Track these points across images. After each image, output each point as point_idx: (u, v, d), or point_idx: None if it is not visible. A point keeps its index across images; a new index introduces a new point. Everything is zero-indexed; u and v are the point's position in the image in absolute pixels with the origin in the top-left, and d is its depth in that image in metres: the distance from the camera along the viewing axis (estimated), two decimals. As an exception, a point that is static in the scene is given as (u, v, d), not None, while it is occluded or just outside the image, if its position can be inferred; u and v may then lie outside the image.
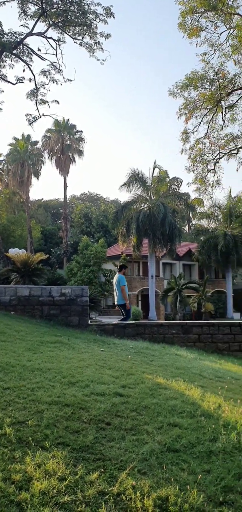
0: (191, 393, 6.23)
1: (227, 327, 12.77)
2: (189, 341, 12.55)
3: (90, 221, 64.42)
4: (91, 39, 18.69)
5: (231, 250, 45.21)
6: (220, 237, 45.82)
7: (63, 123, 58.78)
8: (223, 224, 49.46)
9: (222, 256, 45.58)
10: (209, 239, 46.98)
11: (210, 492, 3.75)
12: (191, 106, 19.82)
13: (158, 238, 39.72)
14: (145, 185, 41.21)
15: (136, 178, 40.85)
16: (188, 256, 52.91)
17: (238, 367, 9.72)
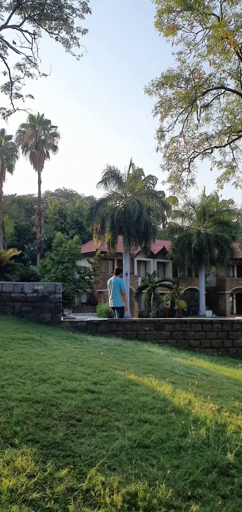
0: (162, 389, 6.27)
1: (198, 324, 12.92)
2: (161, 338, 12.64)
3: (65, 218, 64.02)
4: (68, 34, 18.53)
5: (204, 249, 45.80)
6: (193, 235, 46.36)
7: (38, 118, 58.21)
8: (196, 223, 50.04)
9: (196, 254, 46.14)
10: (183, 238, 47.46)
11: (178, 487, 3.78)
12: (166, 104, 19.92)
13: (133, 236, 39.88)
14: (121, 182, 41.28)
15: (112, 175, 40.87)
16: (162, 254, 53.31)
17: (209, 363, 9.85)
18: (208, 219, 49.61)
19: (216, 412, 5.62)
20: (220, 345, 12.81)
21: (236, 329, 12.98)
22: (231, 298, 56.41)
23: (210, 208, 53.08)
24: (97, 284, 48.45)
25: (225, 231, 48.73)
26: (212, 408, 5.68)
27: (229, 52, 17.99)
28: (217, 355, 12.33)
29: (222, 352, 12.65)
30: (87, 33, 18.41)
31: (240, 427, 5.22)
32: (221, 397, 6.57)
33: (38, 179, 58.96)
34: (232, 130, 20.94)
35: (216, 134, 21.22)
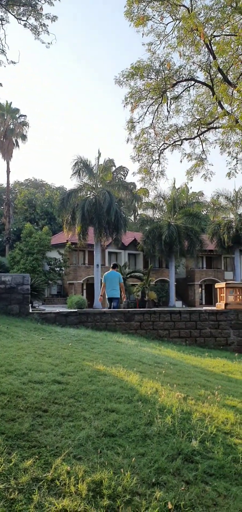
0: (129, 379, 6.32)
1: (167, 315, 13.06)
2: (131, 329, 12.71)
3: (35, 208, 63.24)
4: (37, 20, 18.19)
5: (175, 241, 46.25)
6: (164, 227, 46.72)
7: (6, 107, 57.06)
8: (167, 214, 50.42)
9: (166, 246, 46.55)
10: (153, 229, 47.76)
11: (143, 475, 3.83)
12: (136, 95, 19.86)
13: (104, 227, 39.84)
14: (91, 173, 41.09)
15: (82, 166, 40.62)
16: (133, 245, 53.52)
17: (176, 352, 9.98)
18: (178, 211, 50.06)
19: (182, 400, 5.70)
20: (188, 335, 13.00)
21: (204, 319, 13.20)
22: (200, 289, 57.25)
23: (180, 200, 53.57)
24: (68, 276, 48.21)
25: (195, 223, 49.33)
26: (178, 397, 5.77)
27: (199, 44, 18.08)
28: (185, 344, 12.51)
29: (190, 342, 12.84)
30: (57, 20, 18.13)
31: (205, 415, 5.32)
32: (188, 385, 6.67)
33: (6, 169, 57.90)
34: (202, 122, 21.09)
35: (186, 126, 21.32)
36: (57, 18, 18.14)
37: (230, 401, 6.10)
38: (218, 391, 6.35)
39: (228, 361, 9.73)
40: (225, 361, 9.72)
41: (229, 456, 4.38)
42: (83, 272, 48.40)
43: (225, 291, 13.86)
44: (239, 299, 13.82)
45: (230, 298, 13.83)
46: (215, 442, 4.64)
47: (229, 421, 5.27)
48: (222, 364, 9.22)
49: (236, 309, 13.53)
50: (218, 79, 19.65)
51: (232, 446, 4.64)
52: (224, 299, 13.85)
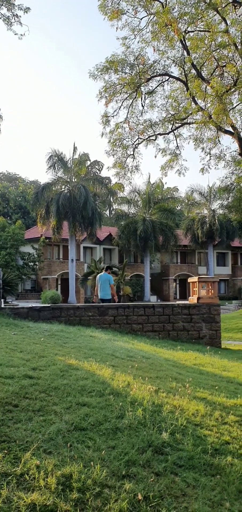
0: (101, 373, 6.32)
1: (141, 309, 13.12)
2: (104, 323, 12.72)
3: (8, 202, 62.33)
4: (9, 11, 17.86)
5: (150, 236, 46.45)
6: (139, 222, 46.86)
7: (-20, 98, 56.02)
8: (142, 209, 50.57)
9: (141, 241, 46.71)
10: (128, 224, 47.83)
11: (113, 467, 3.84)
12: (111, 89, 19.79)
13: (79, 222, 39.64)
14: (66, 167, 40.79)
15: (57, 159, 40.29)
16: (109, 240, 53.47)
17: (149, 346, 10.04)
18: (153, 206, 50.27)
19: (153, 393, 5.74)
20: (162, 329, 13.10)
21: (177, 313, 13.32)
22: (174, 284, 57.74)
23: (155, 195, 53.80)
24: (42, 271, 47.79)
25: (170, 219, 49.66)
26: (150, 390, 5.81)
27: (173, 40, 18.13)
28: (158, 338, 12.60)
29: (163, 335, 12.95)
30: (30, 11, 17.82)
31: (176, 407, 5.38)
32: (160, 378, 6.72)
33: (-20, 162, 56.94)
34: (176, 117, 21.21)
35: (160, 121, 21.39)
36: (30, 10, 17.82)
37: (200, 393, 6.18)
38: (189, 384, 6.43)
39: (199, 354, 9.85)
40: (197, 354, 9.83)
41: (199, 447, 4.44)
42: (57, 267, 48.08)
43: (197, 286, 14.02)
44: (211, 293, 14.01)
45: (202, 292, 14.00)
46: (185, 433, 4.69)
47: (199, 413, 5.34)
48: (194, 357, 9.33)
49: (208, 303, 13.70)
50: (192, 75, 19.79)
51: (201, 438, 4.70)
52: (196, 293, 14.00)
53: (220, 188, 28.18)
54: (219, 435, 4.86)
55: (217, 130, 19.80)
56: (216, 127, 18.97)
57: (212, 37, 16.33)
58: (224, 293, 58.49)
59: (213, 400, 5.97)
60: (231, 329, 20.34)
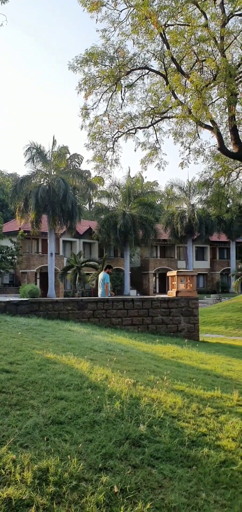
0: (80, 367, 6.30)
1: (120, 303, 13.13)
2: (83, 317, 12.68)
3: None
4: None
5: (130, 230, 46.54)
6: (119, 216, 46.89)
7: None
8: (122, 203, 50.60)
9: (121, 235, 46.76)
10: (108, 218, 47.82)
11: (90, 460, 3.83)
12: (90, 82, 19.65)
13: (58, 215, 39.42)
14: (45, 159, 40.44)
15: (36, 152, 39.90)
16: (88, 234, 53.36)
17: (128, 340, 10.05)
18: (133, 200, 50.35)
19: (131, 386, 5.75)
20: (141, 322, 13.14)
21: (156, 307, 13.38)
22: (154, 278, 58.04)
23: (135, 190, 53.90)
24: (21, 265, 47.37)
25: (149, 213, 49.87)
26: (128, 383, 5.81)
27: (153, 33, 18.10)
28: (137, 331, 12.63)
29: (142, 329, 12.99)
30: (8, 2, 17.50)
31: (154, 400, 5.40)
32: (138, 371, 6.74)
33: None
34: (156, 111, 21.22)
35: (140, 115, 21.37)
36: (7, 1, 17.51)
37: (178, 385, 6.22)
38: (167, 376, 6.46)
39: (178, 347, 9.91)
40: (175, 347, 9.90)
41: (176, 439, 4.47)
42: (36, 261, 47.74)
43: (176, 279, 14.09)
44: (190, 287, 14.11)
45: (181, 286, 14.09)
46: (162, 426, 4.71)
47: (176, 405, 5.37)
48: (172, 350, 9.39)
49: (186, 296, 13.80)
50: (171, 69, 19.80)
51: (179, 430, 4.73)
52: (175, 287, 14.08)
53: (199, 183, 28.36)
54: (196, 427, 4.90)
55: (197, 124, 19.90)
56: (196, 122, 19.06)
57: (192, 31, 16.36)
58: (202, 287, 59.10)
59: (191, 392, 6.02)
60: (209, 322, 20.54)
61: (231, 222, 53.21)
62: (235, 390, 6.39)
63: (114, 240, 48.56)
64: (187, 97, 19.16)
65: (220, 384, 6.78)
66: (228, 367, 8.38)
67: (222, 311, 22.16)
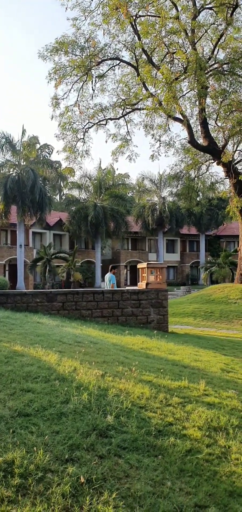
0: (48, 359, 6.25)
1: (90, 295, 13.11)
2: (53, 309, 12.59)
3: None
4: None
5: (101, 222, 46.40)
6: (90, 208, 46.66)
7: None
8: (93, 195, 50.39)
9: (92, 227, 46.56)
10: (79, 210, 47.51)
11: (57, 452, 3.82)
12: (61, 71, 19.41)
13: (27, 206, 38.85)
14: (14, 149, 39.77)
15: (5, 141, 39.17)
16: (59, 225, 52.85)
17: (98, 332, 10.05)
18: (104, 192, 50.21)
19: (100, 377, 5.75)
20: (111, 314, 13.16)
21: (126, 299, 13.43)
22: (125, 270, 58.18)
23: (106, 181, 53.76)
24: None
25: (121, 205, 49.85)
26: (96, 374, 5.81)
27: (124, 23, 18.04)
28: (107, 323, 12.64)
29: (112, 321, 13.01)
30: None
31: (122, 390, 5.42)
32: (107, 363, 6.75)
33: None
34: (127, 103, 21.22)
35: (110, 106, 21.33)
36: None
37: (146, 376, 6.27)
38: (135, 367, 6.49)
39: (147, 338, 9.98)
40: (144, 338, 9.96)
41: (143, 429, 4.50)
42: (5, 252, 46.97)
43: (146, 271, 14.17)
44: (160, 279, 14.22)
45: (151, 278, 14.18)
46: (129, 416, 4.74)
47: (144, 396, 5.41)
48: (141, 341, 9.44)
49: (156, 288, 13.91)
50: (143, 60, 19.81)
51: (146, 420, 4.77)
52: (145, 279, 14.16)
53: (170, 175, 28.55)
54: (163, 416, 4.95)
55: (167, 117, 20.00)
56: (166, 114, 19.16)
57: (163, 23, 16.39)
58: (173, 279, 59.68)
59: (158, 382, 6.07)
60: (178, 313, 20.76)
61: (201, 215, 53.86)
62: (202, 380, 6.49)
63: (85, 232, 48.31)
64: (158, 89, 19.23)
65: (187, 374, 6.87)
66: (195, 358, 8.50)
67: (191, 302, 22.45)
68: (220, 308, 20.18)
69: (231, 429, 4.93)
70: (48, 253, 39.50)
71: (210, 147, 21.41)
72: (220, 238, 62.42)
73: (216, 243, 61.88)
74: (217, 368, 7.76)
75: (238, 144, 22.56)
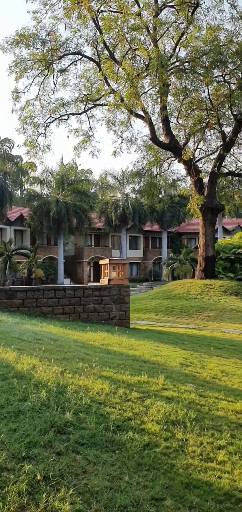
0: (6, 357, 6.15)
1: (51, 292, 12.98)
2: (12, 306, 12.38)
3: None
4: None
5: (63, 218, 46.02)
6: (52, 203, 46.17)
7: None
8: (55, 191, 49.88)
9: (54, 223, 46.09)
10: (41, 205, 46.89)
11: (13, 450, 3.76)
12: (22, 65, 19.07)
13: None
14: None
15: None
16: (20, 221, 51.96)
17: (59, 328, 9.97)
18: (66, 187, 49.81)
19: (59, 374, 5.71)
20: (72, 311, 13.08)
21: (88, 295, 13.39)
22: (88, 267, 58.02)
23: (69, 177, 53.32)
24: None
25: (84, 201, 49.63)
26: (55, 371, 5.76)
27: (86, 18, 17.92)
28: (68, 320, 12.56)
29: (74, 317, 12.94)
30: None
31: (81, 387, 5.40)
32: (66, 359, 6.70)
33: None
34: (89, 98, 21.11)
35: (72, 101, 21.15)
36: None
37: (106, 372, 6.27)
38: (95, 364, 6.48)
39: (108, 335, 9.99)
40: (105, 334, 9.96)
41: (101, 425, 4.50)
42: None
43: (108, 268, 14.18)
44: (122, 275, 14.27)
45: (113, 274, 14.20)
46: (88, 412, 4.73)
47: (104, 392, 5.41)
48: (103, 338, 9.44)
49: (118, 284, 13.94)
50: (105, 56, 19.75)
51: (105, 415, 4.77)
52: (107, 275, 14.17)
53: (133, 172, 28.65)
54: (122, 412, 4.97)
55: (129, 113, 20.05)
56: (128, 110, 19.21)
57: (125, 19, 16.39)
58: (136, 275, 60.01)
59: (118, 378, 6.09)
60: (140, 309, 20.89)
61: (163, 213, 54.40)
62: (161, 374, 6.57)
63: (47, 227, 47.76)
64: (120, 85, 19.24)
65: (147, 369, 6.92)
66: (155, 353, 8.58)
67: (153, 298, 22.67)
68: (180, 304, 20.49)
69: (189, 422, 5.02)
70: (8, 249, 38.82)
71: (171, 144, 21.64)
72: (182, 235, 63.35)
73: (178, 240, 62.76)
74: (176, 363, 7.87)
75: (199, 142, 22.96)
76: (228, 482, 4.01)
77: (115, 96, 18.18)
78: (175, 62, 20.50)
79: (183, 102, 20.95)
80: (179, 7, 19.33)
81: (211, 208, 22.54)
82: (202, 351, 9.75)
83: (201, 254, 23.47)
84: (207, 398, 6.00)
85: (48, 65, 19.49)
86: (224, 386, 6.79)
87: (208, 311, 19.02)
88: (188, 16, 19.19)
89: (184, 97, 20.80)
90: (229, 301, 20.29)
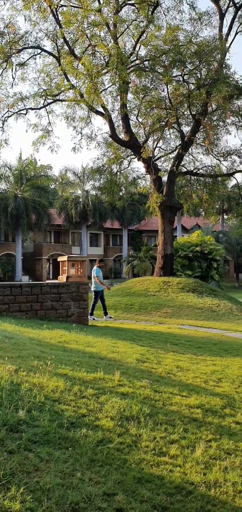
0: None
1: (7, 289, 12.73)
2: None
3: None
4: None
5: (22, 213, 45.36)
6: (10, 199, 45.42)
7: None
8: (14, 186, 49.05)
9: (13, 218, 45.34)
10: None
11: None
12: (-22, 57, 18.63)
13: None
14: None
15: None
16: (-23, 217, 50.74)
17: (14, 326, 9.79)
18: (25, 183, 49.09)
19: (13, 372, 5.61)
20: (29, 308, 12.89)
21: (45, 292, 13.23)
22: (48, 264, 57.43)
23: (28, 172, 52.56)
24: None
25: (43, 197, 49.10)
26: (9, 369, 5.66)
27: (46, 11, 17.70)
28: (25, 318, 12.37)
29: (31, 315, 12.75)
30: None
31: (36, 385, 5.34)
32: (21, 357, 6.60)
33: None
34: (48, 93, 20.84)
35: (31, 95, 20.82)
36: None
37: (62, 369, 6.22)
38: (51, 361, 6.41)
39: (66, 332, 9.91)
40: (63, 332, 9.88)
41: (55, 422, 4.48)
42: None
43: (67, 265, 14.08)
44: (80, 272, 14.20)
45: (71, 271, 14.11)
46: (42, 410, 4.68)
47: (58, 389, 5.37)
48: (60, 335, 9.36)
49: (77, 281, 13.87)
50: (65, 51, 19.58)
51: (59, 413, 4.74)
52: (66, 272, 14.06)
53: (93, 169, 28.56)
54: (76, 409, 4.95)
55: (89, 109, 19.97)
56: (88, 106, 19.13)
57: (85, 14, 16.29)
58: (96, 272, 59.96)
59: (74, 375, 6.06)
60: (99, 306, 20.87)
61: (124, 210, 54.70)
62: (117, 371, 6.59)
63: (5, 223, 46.89)
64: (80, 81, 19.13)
65: (103, 366, 6.93)
66: (112, 349, 8.61)
67: (113, 295, 22.69)
68: (139, 301, 20.63)
69: (143, 417, 5.07)
70: None
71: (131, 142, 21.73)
72: (142, 233, 63.91)
73: (138, 238, 63.27)
74: (133, 359, 7.93)
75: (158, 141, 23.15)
76: (180, 475, 4.09)
77: (75, 92, 18.06)
78: (135, 60, 20.59)
79: (142, 100, 21.07)
80: (139, 5, 19.41)
81: (170, 206, 22.82)
82: (159, 347, 9.87)
83: (160, 252, 23.73)
84: (161, 393, 6.08)
85: (6, 58, 19.09)
86: (179, 381, 6.91)
87: (166, 308, 19.26)
88: (148, 15, 19.32)
89: (144, 96, 20.92)
90: (186, 298, 20.63)
